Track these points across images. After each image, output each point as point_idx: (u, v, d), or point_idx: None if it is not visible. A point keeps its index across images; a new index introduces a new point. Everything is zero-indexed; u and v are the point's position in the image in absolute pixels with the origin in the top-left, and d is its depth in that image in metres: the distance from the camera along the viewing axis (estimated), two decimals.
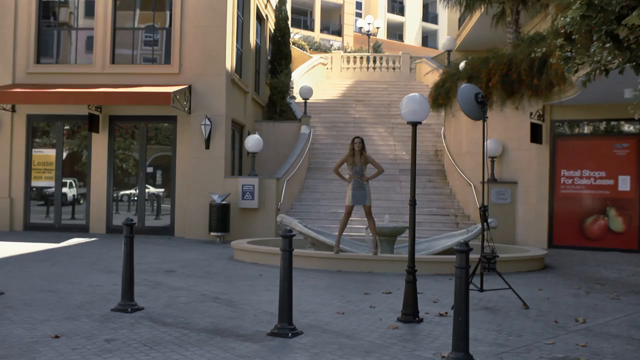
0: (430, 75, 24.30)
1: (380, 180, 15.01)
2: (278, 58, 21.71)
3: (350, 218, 10.73)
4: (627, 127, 14.02)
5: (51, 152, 15.91)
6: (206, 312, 6.56)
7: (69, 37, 16.48)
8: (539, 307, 7.25)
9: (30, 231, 15.42)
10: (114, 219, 15.51)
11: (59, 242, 13.27)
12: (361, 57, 28.12)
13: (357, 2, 51.23)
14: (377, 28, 39.40)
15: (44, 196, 16.06)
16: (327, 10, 48.41)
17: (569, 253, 13.16)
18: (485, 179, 10.98)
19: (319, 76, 26.49)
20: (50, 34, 16.38)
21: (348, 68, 27.66)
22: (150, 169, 15.87)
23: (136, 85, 14.89)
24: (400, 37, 54.60)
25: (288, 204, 15.99)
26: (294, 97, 21.54)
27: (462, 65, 16.73)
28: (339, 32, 48.47)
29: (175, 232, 15.31)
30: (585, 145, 14.26)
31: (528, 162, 14.54)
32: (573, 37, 6.17)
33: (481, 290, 7.42)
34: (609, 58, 5.68)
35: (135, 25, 16.22)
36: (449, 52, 24.48)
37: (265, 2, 20.59)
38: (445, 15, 34.40)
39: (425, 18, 56.27)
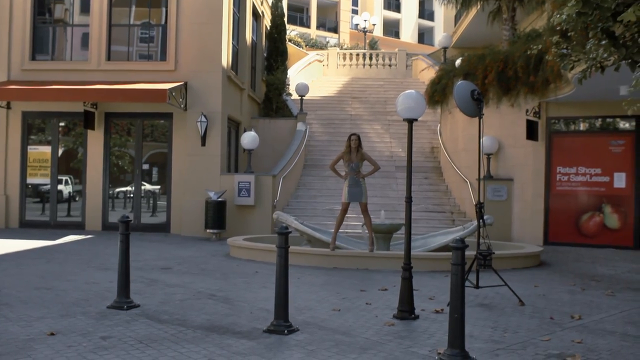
0: (426, 72, 24.30)
1: (377, 177, 15.01)
2: (274, 55, 21.67)
3: (346, 215, 10.75)
4: (623, 124, 14.05)
5: (47, 149, 15.86)
6: (202, 309, 6.56)
7: (65, 34, 16.43)
8: (534, 303, 7.27)
9: (26, 228, 15.39)
10: (110, 216, 15.47)
11: (54, 239, 13.25)
12: (357, 54, 28.11)
13: None
14: (374, 25, 39.35)
15: (39, 193, 16.01)
16: (323, 7, 48.36)
17: (564, 250, 13.20)
18: (481, 176, 11.01)
19: (315, 73, 26.46)
20: (45, 30, 16.32)
21: (344, 65, 27.64)
22: (146, 166, 15.84)
23: (132, 82, 14.85)
24: (397, 34, 54.58)
25: (284, 201, 15.99)
26: (290, 94, 21.51)
27: (458, 62, 16.73)
28: (335, 29, 48.42)
29: (171, 229, 15.30)
30: (581, 142, 14.28)
31: (524, 159, 14.56)
32: (569, 34, 6.18)
33: (477, 287, 7.43)
34: (605, 55, 5.68)
35: (131, 22, 16.17)
36: (445, 49, 24.48)
37: None
38: (442, 12, 34.36)
39: (421, 15, 56.25)
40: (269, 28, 22.02)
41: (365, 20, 35.55)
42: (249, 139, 15.41)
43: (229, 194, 14.71)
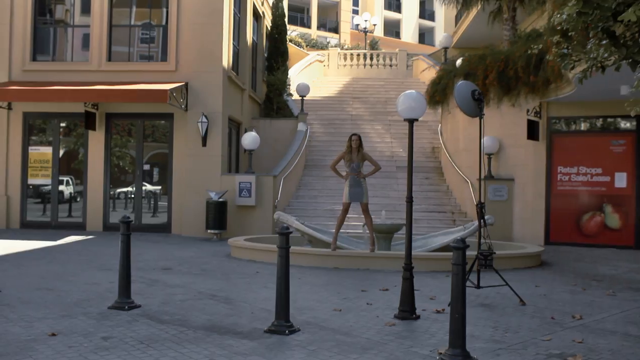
0: (427, 73, 24.30)
1: (377, 177, 14.99)
2: (275, 55, 21.67)
3: (347, 215, 10.75)
4: (624, 124, 14.04)
5: (48, 150, 15.87)
6: (203, 310, 6.56)
7: (65, 35, 16.43)
8: (535, 303, 7.27)
9: (27, 229, 15.40)
10: (111, 216, 15.47)
11: (55, 239, 13.26)
12: (358, 54, 28.12)
13: None
14: (374, 25, 39.35)
15: (40, 194, 16.02)
16: (324, 7, 48.36)
17: (565, 250, 13.19)
18: (482, 176, 11.00)
19: (316, 73, 26.46)
20: (46, 31, 16.33)
21: (345, 65, 27.64)
22: (147, 167, 15.85)
23: (133, 83, 14.86)
24: (397, 34, 54.57)
25: (285, 201, 15.99)
26: (290, 95, 21.52)
27: (458, 62, 16.72)
28: (336, 29, 48.42)
29: (172, 229, 15.30)
30: (582, 142, 14.28)
31: (525, 159, 14.55)
32: (569, 34, 6.17)
33: (478, 287, 7.43)
34: (605, 55, 5.68)
35: (132, 23, 16.17)
36: (445, 49, 24.50)
37: None
38: (442, 12, 34.35)
39: (422, 15, 56.25)
40: (269, 28, 22.02)
41: (365, 21, 35.55)
42: (249, 139, 15.42)
43: (230, 195, 14.71)
